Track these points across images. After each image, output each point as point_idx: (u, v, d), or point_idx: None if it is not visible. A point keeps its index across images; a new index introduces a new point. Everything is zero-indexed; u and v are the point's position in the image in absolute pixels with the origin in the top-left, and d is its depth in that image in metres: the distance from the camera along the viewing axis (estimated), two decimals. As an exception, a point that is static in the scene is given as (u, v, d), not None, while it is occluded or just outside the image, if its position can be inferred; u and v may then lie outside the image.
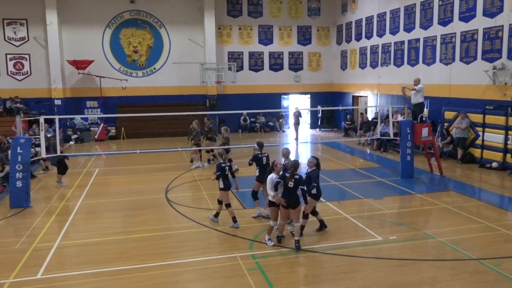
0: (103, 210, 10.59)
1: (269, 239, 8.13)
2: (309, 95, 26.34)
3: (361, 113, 21.19)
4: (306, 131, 25.27)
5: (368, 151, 18.55)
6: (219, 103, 23.99)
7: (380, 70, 21.38)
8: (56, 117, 12.47)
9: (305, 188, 7.85)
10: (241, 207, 10.53)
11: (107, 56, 23.20)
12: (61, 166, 12.70)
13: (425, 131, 13.26)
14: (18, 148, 10.74)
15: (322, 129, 25.55)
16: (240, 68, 24.82)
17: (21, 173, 10.68)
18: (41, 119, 11.53)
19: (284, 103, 26.49)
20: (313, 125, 26.19)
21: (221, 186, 9.02)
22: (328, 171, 14.45)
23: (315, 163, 8.50)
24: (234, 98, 24.54)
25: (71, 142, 14.11)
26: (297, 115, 21.88)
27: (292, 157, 9.38)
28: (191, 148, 14.74)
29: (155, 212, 10.23)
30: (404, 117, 14.67)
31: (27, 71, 22.33)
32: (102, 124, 22.20)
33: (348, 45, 24.55)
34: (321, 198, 11.09)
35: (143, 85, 23.75)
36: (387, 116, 17.59)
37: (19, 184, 10.66)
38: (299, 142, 21.19)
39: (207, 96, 23.95)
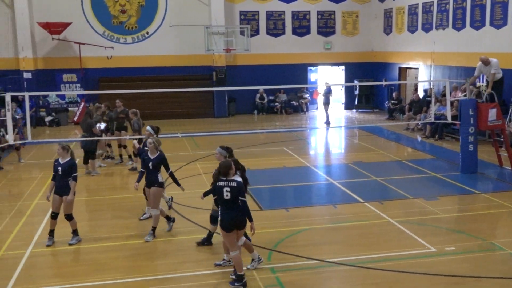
0: (83, 210, 10.66)
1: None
2: (343, 67, 26.13)
3: (415, 89, 20.93)
4: (339, 112, 25.13)
5: (419, 138, 18.44)
6: (228, 76, 23.98)
7: (435, 35, 21.11)
8: (26, 94, 12.54)
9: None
10: (258, 208, 10.59)
11: (88, 18, 23.28)
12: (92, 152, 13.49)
13: (492, 113, 13.06)
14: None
15: (359, 110, 25.38)
16: (255, 32, 24.71)
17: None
18: (7, 96, 11.68)
19: (312, 76, 26.36)
20: (349, 105, 26.02)
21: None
22: (367, 163, 14.40)
23: (225, 155, 7.85)
24: (247, 70, 24.49)
25: (100, 125, 14.15)
26: (327, 92, 21.77)
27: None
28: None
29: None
30: (465, 95, 14.50)
31: (-12, 37, 22.53)
32: (82, 103, 22.36)
33: (394, 2, 24.22)
34: (358, 198, 11.17)
35: (133, 54, 23.81)
36: (444, 94, 17.41)
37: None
38: (331, 126, 21.13)
39: (213, 67, 23.96)
